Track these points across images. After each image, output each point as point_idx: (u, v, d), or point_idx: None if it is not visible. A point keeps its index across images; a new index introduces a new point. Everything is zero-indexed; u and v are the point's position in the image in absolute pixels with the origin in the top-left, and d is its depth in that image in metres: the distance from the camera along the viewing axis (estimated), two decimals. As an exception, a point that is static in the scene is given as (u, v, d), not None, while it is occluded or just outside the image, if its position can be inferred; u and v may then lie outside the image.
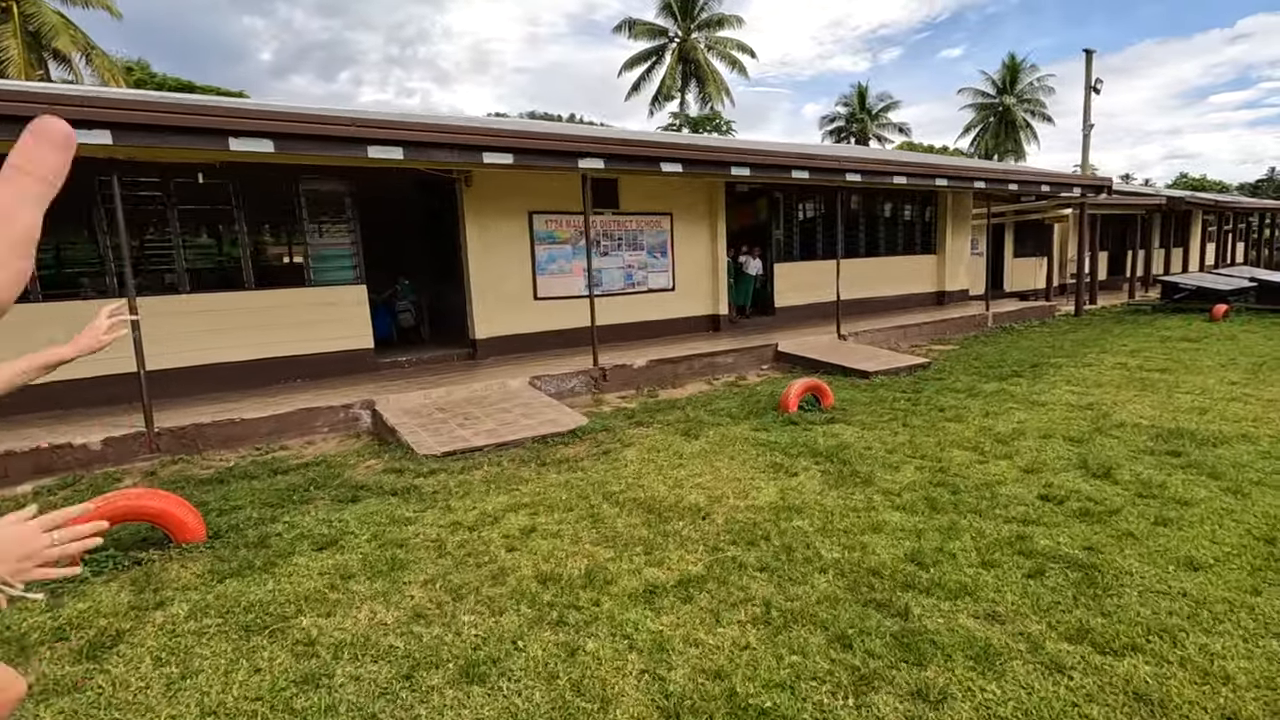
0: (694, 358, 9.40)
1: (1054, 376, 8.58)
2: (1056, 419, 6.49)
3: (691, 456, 5.60)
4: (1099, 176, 14.64)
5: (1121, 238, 20.97)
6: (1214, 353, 9.80)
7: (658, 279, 11.34)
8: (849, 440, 5.90)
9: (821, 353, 9.89)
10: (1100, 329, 12.84)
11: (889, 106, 46.88)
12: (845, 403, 7.40)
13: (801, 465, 5.23)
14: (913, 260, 15.06)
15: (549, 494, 4.78)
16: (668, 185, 11.04)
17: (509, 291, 9.86)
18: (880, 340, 11.57)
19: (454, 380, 8.01)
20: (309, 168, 8.11)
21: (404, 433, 6.23)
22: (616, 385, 8.75)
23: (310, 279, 8.49)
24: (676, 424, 6.71)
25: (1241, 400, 6.98)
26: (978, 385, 8.26)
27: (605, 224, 10.69)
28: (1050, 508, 4.25)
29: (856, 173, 10.01)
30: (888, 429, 6.28)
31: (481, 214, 9.48)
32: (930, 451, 5.53)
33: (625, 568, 3.54)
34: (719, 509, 4.38)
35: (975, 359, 10.12)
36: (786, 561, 3.55)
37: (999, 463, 5.22)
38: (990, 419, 6.57)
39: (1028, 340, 11.77)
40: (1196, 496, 4.36)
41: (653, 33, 36.75)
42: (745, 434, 6.22)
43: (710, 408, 7.36)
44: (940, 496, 4.47)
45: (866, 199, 14.10)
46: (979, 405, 7.15)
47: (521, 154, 7.11)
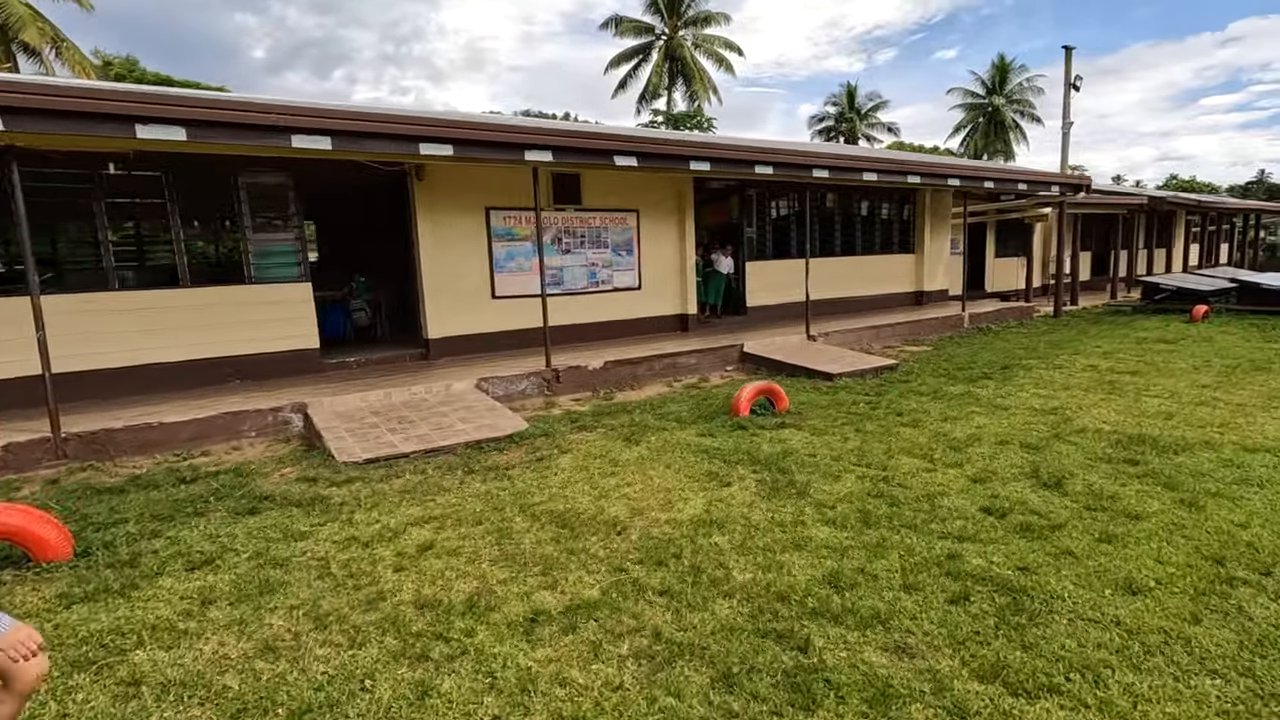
0: (654, 359, 9.09)
1: (1022, 379, 8.31)
2: (1017, 424, 6.22)
3: (627, 464, 5.29)
4: (1078, 175, 14.40)
5: (1105, 238, 20.78)
6: (1189, 355, 9.56)
7: (623, 278, 11.03)
8: (795, 446, 5.61)
9: (787, 354, 9.60)
10: (1077, 330, 12.60)
11: (878, 106, 46.72)
12: (802, 406, 7.11)
13: (738, 474, 4.93)
14: (890, 260, 14.80)
15: (464, 506, 4.46)
16: (633, 181, 10.74)
17: (465, 290, 9.54)
18: (852, 341, 11.29)
19: (398, 382, 7.68)
20: (249, 160, 7.76)
21: (329, 438, 5.91)
22: (571, 387, 8.43)
23: (252, 276, 8.15)
24: (621, 429, 6.41)
25: (1210, 404, 6.72)
26: (943, 388, 7.98)
27: (567, 221, 10.38)
28: (991, 522, 3.96)
29: (824, 168, 9.73)
30: (839, 434, 5.99)
31: (434, 209, 9.16)
32: (877, 459, 5.24)
33: (515, 591, 3.23)
34: (638, 523, 4.07)
35: (946, 360, 9.85)
36: (691, 584, 3.25)
37: (947, 471, 4.93)
38: (948, 424, 6.29)
39: (1002, 341, 11.51)
40: (1148, 510, 4.09)
41: (639, 30, 36.44)
42: (689, 440, 5.92)
43: (660, 411, 7.06)
44: (876, 509, 4.17)
45: (842, 197, 13.83)
46: (940, 409, 6.87)
47: (462, 145, 6.79)
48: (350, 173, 9.09)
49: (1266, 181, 60.96)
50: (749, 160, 8.88)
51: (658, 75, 36.29)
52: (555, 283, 10.35)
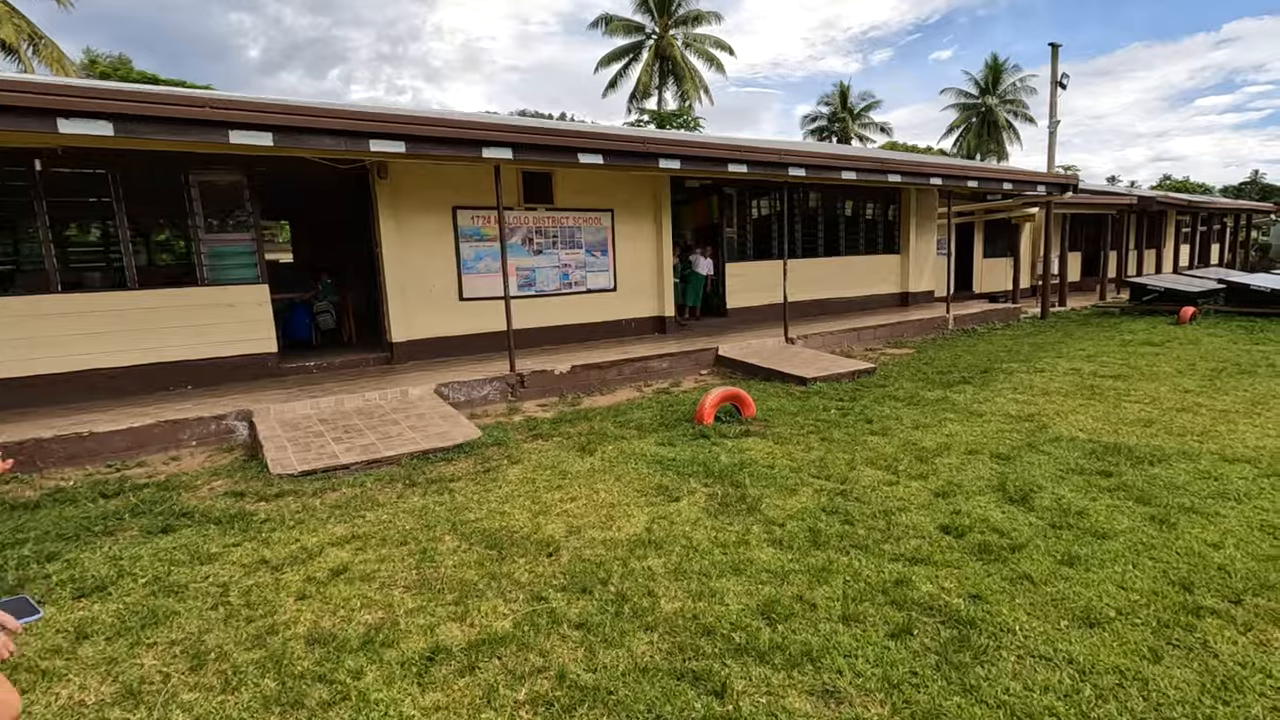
0: (625, 363, 8.83)
1: (1002, 383, 8.07)
2: (990, 432, 5.97)
3: (576, 476, 5.03)
4: (1064, 174, 14.18)
5: (1096, 238, 20.57)
6: (1174, 358, 9.33)
7: (597, 279, 10.77)
8: (755, 457, 5.35)
9: (763, 358, 9.34)
10: (1063, 332, 12.37)
11: (870, 106, 46.56)
12: (771, 413, 6.85)
13: (689, 488, 4.67)
14: (875, 260, 14.56)
15: (393, 523, 4.19)
16: (606, 180, 10.47)
17: (431, 292, 9.26)
18: (832, 344, 11.05)
19: (355, 387, 7.41)
20: (200, 157, 7.48)
21: (268, 448, 5.63)
22: (536, 392, 8.17)
23: (205, 278, 7.86)
24: (578, 437, 6.14)
25: (1191, 411, 6.48)
26: (920, 393, 7.74)
27: (538, 220, 10.11)
28: (948, 542, 3.71)
29: (800, 166, 9.47)
30: (803, 444, 5.73)
31: (399, 208, 8.88)
32: (839, 471, 4.98)
33: (420, 623, 2.96)
34: (572, 543, 3.81)
35: (926, 364, 9.61)
36: (613, 615, 2.99)
37: (910, 484, 4.68)
38: (919, 432, 6.04)
39: (986, 344, 11.28)
40: (1116, 528, 3.83)
41: (629, 29, 36.16)
42: (646, 449, 5.65)
43: (623, 419, 6.79)
44: (828, 527, 3.91)
45: (826, 196, 13.58)
46: (913, 416, 6.62)
47: (415, 141, 6.51)
48: (315, 170, 8.82)
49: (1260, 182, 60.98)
50: (721, 158, 8.62)
51: (648, 74, 36.01)
52: (527, 284, 10.09)
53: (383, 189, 8.72)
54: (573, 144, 7.45)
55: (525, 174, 9.85)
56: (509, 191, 9.75)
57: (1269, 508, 4.07)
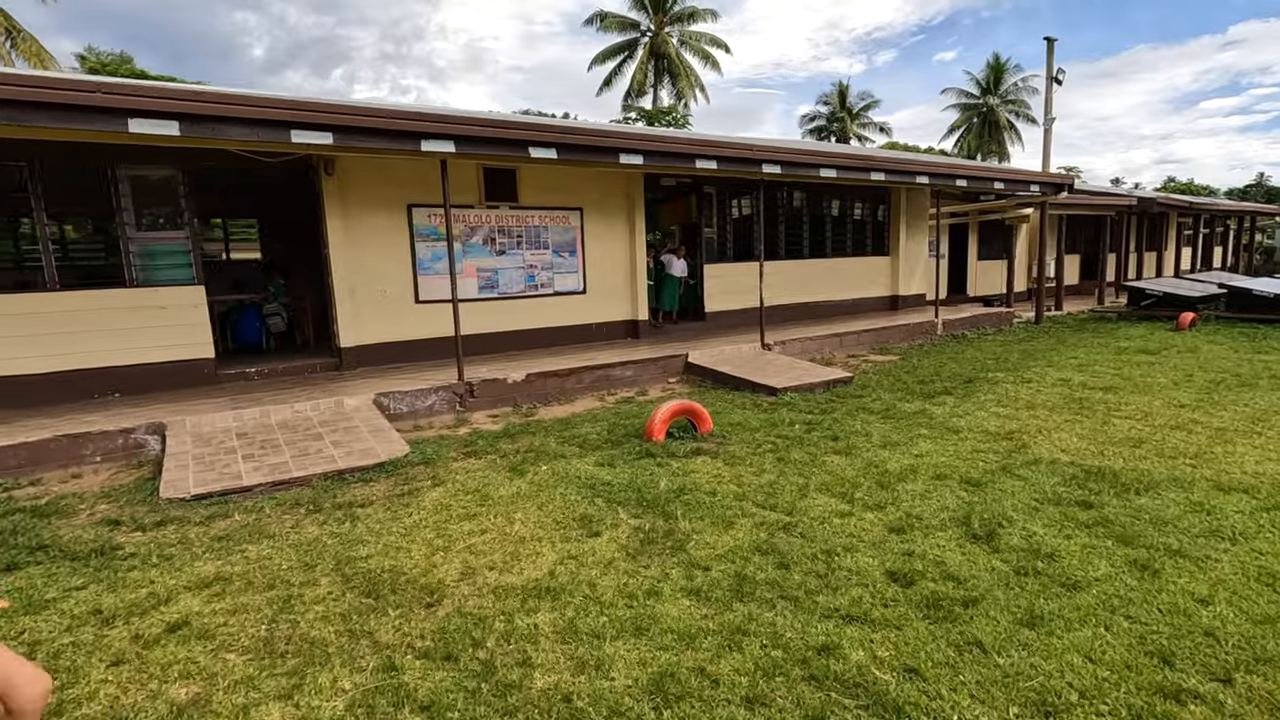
0: (586, 370, 8.33)
1: (985, 395, 7.54)
2: (964, 452, 5.45)
3: (497, 503, 4.52)
4: (1059, 174, 13.64)
5: (1095, 241, 20.02)
6: (1170, 367, 8.79)
7: (566, 281, 10.26)
8: (699, 481, 4.84)
9: (734, 365, 8.83)
10: (1056, 338, 11.83)
11: (870, 105, 46.01)
12: (731, 427, 6.34)
13: (615, 519, 4.16)
14: (863, 262, 14.04)
15: (271, 561, 3.69)
16: (575, 177, 9.97)
17: (385, 294, 8.76)
18: (813, 350, 10.53)
19: (290, 397, 6.91)
20: (129, 150, 7.00)
21: (169, 467, 5.14)
22: (487, 402, 7.67)
23: (134, 279, 7.38)
24: (514, 455, 5.63)
25: (1186, 428, 5.95)
26: (896, 405, 7.22)
27: (501, 219, 9.61)
28: (894, 592, 3.19)
29: (775, 163, 8.95)
30: (756, 464, 5.22)
31: (347, 205, 8.38)
32: (788, 498, 4.47)
33: (237, 703, 2.46)
34: (460, 590, 3.30)
35: (908, 372, 9.09)
36: (471, 693, 2.48)
37: (865, 516, 4.16)
38: (887, 451, 5.52)
39: (975, 351, 10.75)
40: (1091, 575, 3.32)
41: (624, 26, 35.66)
42: (584, 471, 5.14)
43: (570, 433, 6.29)
44: (758, 572, 3.40)
45: (811, 196, 13.06)
46: (884, 432, 6.11)
47: (344, 133, 6.02)
48: (265, 165, 8.35)
49: (1265, 185, 60.28)
50: (688, 154, 8.11)
51: (642, 72, 35.51)
52: (489, 286, 9.59)
53: (329, 185, 8.22)
54: (523, 137, 6.95)
55: (487, 170, 9.35)
56: (469, 189, 9.26)
57: (1267, 550, 3.55)
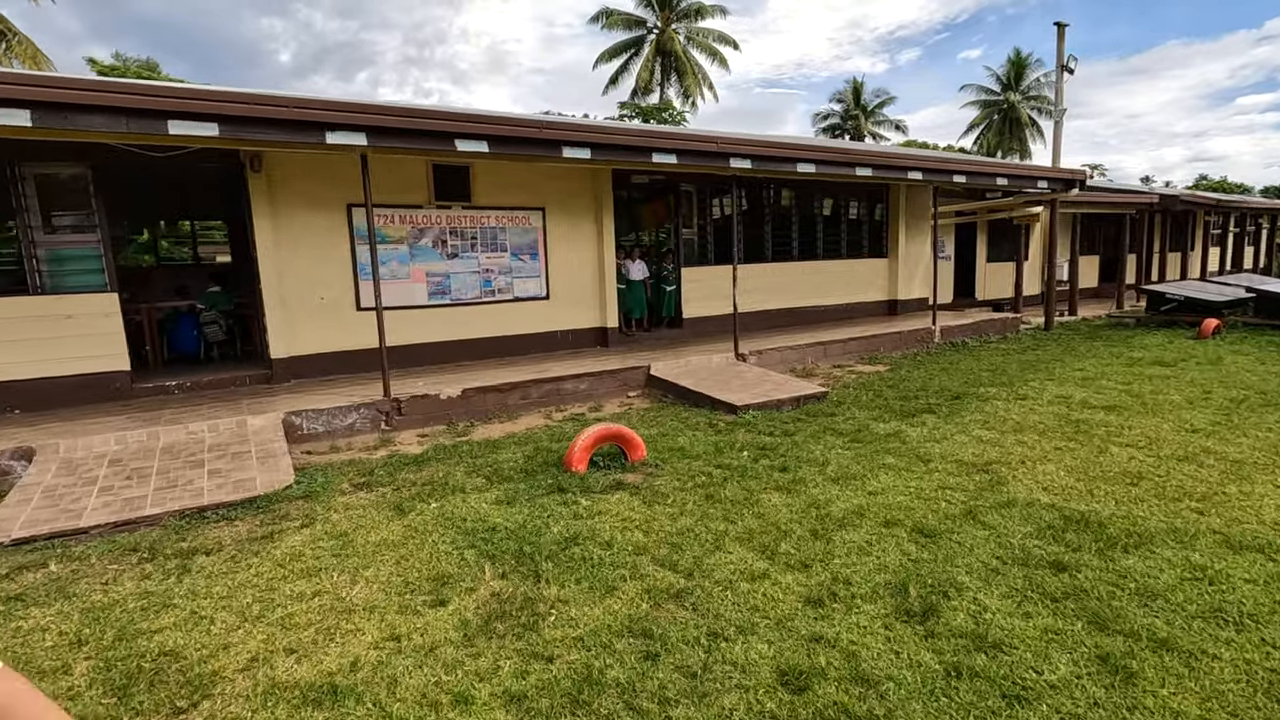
0: (533, 384, 7.63)
1: (971, 414, 6.72)
2: (928, 489, 4.66)
3: (354, 554, 3.84)
4: (1070, 169, 12.67)
5: (1115, 241, 18.91)
6: (1187, 382, 7.87)
7: (527, 286, 9.58)
8: (601, 527, 4.11)
9: (698, 379, 8.08)
10: (1064, 347, 10.90)
11: (885, 102, 44.87)
12: (670, 454, 5.60)
13: (475, 580, 3.44)
14: (859, 265, 13.19)
15: (37, 637, 3.04)
16: (536, 174, 9.29)
17: (322, 301, 8.15)
18: (793, 360, 9.74)
19: (193, 415, 6.30)
20: (34, 146, 6.44)
21: (9, 502, 4.53)
22: (418, 420, 7.00)
23: (40, 285, 6.83)
24: (410, 488, 4.95)
25: (1196, 460, 5.10)
26: (869, 426, 6.43)
27: (453, 220, 8.95)
28: (775, 706, 2.44)
29: (745, 158, 8.19)
30: (679, 503, 4.48)
31: (278, 205, 7.78)
32: (696, 552, 3.73)
33: None
34: (235, 685, 2.62)
35: (892, 386, 8.27)
36: None
37: (782, 579, 3.41)
38: (839, 486, 4.75)
39: (972, 361, 9.87)
40: (1046, 679, 2.54)
41: (629, 23, 34.98)
42: (475, 510, 4.44)
43: (487, 460, 5.59)
44: (613, 667, 2.67)
45: (801, 194, 12.26)
46: (844, 461, 5.33)
47: (232, 124, 5.38)
48: (188, 163, 7.78)
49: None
50: (642, 147, 7.37)
51: (648, 71, 34.79)
52: (440, 292, 8.94)
53: (256, 183, 7.62)
54: (448, 129, 6.27)
55: (436, 167, 8.71)
56: (416, 187, 8.62)
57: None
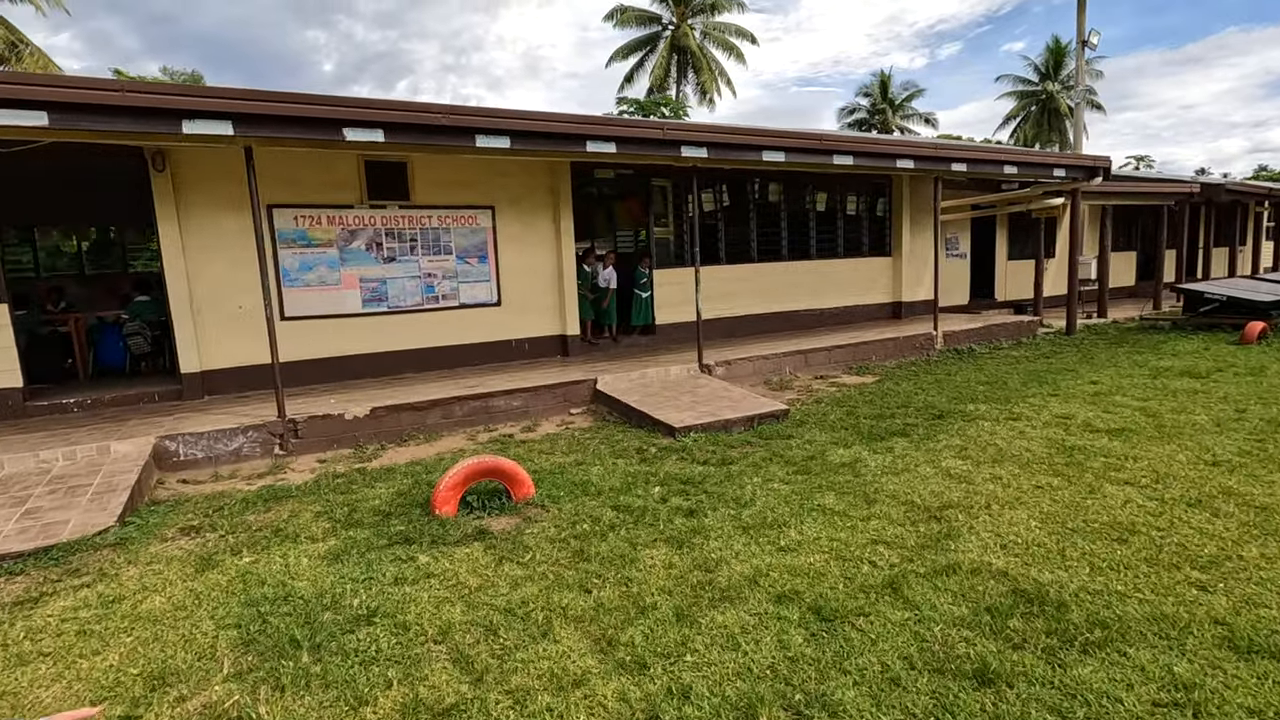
0: (458, 401, 6.86)
1: (948, 438, 5.71)
2: (857, 543, 3.72)
3: (107, 628, 3.09)
4: (1092, 155, 11.39)
5: (1154, 236, 17.38)
6: (1218, 398, 6.70)
7: (475, 291, 8.82)
8: (423, 595, 3.29)
9: (645, 395, 7.21)
10: (1082, 354, 9.69)
11: (913, 95, 43.20)
12: (568, 491, 4.75)
13: (199, 682, 2.65)
14: (859, 264, 12.13)
15: None
16: (484, 169, 8.54)
17: (239, 310, 7.51)
18: (768, 371, 8.78)
19: (64, 439, 5.68)
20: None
21: None
22: (319, 443, 6.28)
23: (-78, 296, 6.32)
24: (242, 533, 4.20)
25: (1211, 506, 4.04)
26: (825, 452, 5.49)
27: (390, 220, 8.24)
28: None
29: (699, 145, 7.28)
30: (533, 565, 3.62)
31: (189, 206, 7.17)
32: (514, 640, 2.87)
33: None
34: None
35: (871, 401, 7.27)
36: None
37: (603, 688, 2.54)
38: (746, 538, 3.85)
39: (971, 371, 8.78)
40: None
41: (643, 20, 34.15)
42: (291, 567, 3.66)
43: (349, 498, 4.82)
44: None
45: (790, 189, 11.27)
46: (773, 501, 4.43)
47: (62, 111, 4.69)
48: (80, 161, 7.24)
49: (1372, 170, 54.18)
50: (573, 134, 6.53)
51: (662, 68, 33.89)
52: (376, 299, 8.24)
53: (160, 184, 7.01)
54: (329, 115, 5.52)
55: (370, 164, 8.02)
56: (347, 185, 7.94)
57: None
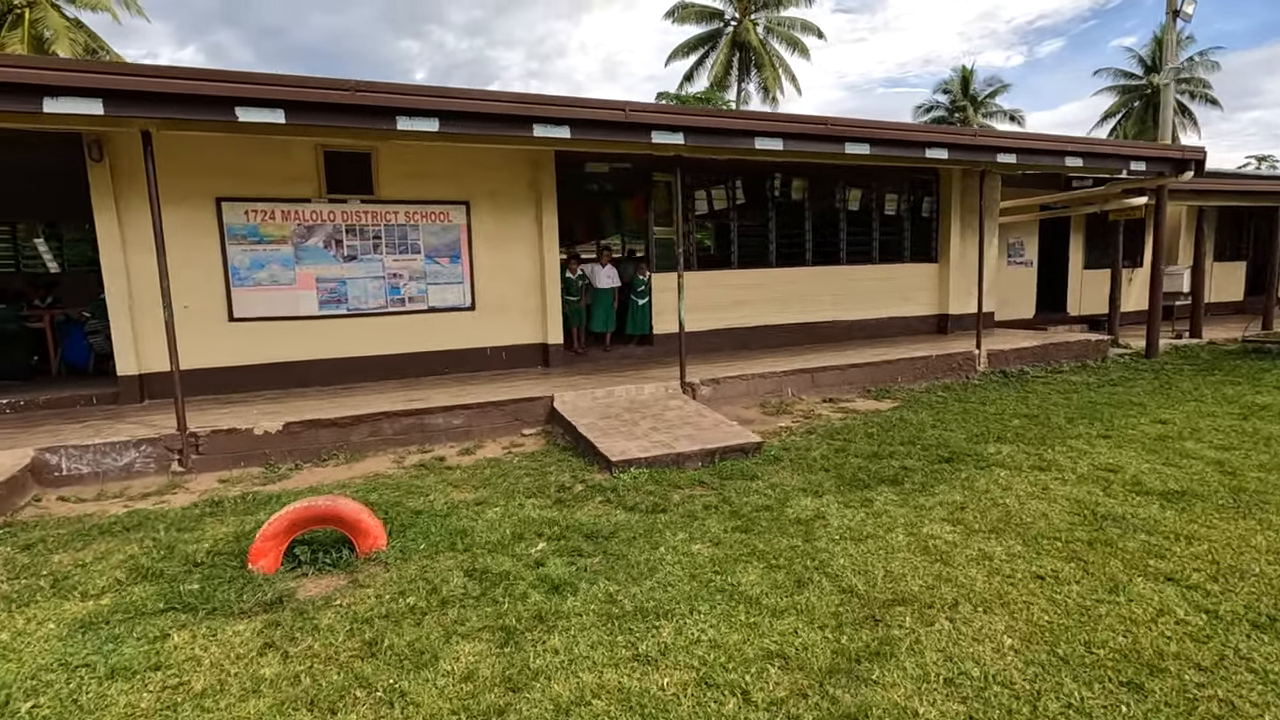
0: (387, 418, 6.11)
1: (946, 492, 4.52)
2: (741, 660, 2.69)
3: None
4: (1181, 146, 9.59)
5: (1271, 243, 15.01)
6: (1328, 451, 5.16)
7: (446, 294, 8.10)
8: (120, 702, 2.48)
9: (602, 416, 6.26)
10: (1158, 384, 8.06)
11: (996, 91, 40.21)
12: (437, 541, 3.88)
13: None
14: (897, 271, 10.75)
15: None
16: (457, 161, 7.82)
17: (185, 309, 7.03)
18: (766, 391, 7.65)
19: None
20: None
21: None
22: (224, 460, 5.65)
23: None
24: (19, 578, 3.53)
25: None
26: (784, 504, 4.42)
27: (351, 216, 7.62)
28: None
29: (675, 130, 6.27)
30: (297, 660, 2.76)
31: (129, 198, 6.75)
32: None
33: None
34: None
35: (874, 435, 6.07)
36: None
37: None
38: (603, 634, 2.88)
39: (1012, 400, 7.37)
40: None
41: (704, 16, 33.09)
42: (23, 635, 2.93)
43: (184, 537, 4.09)
44: None
45: (817, 185, 10.06)
46: (674, 575, 3.44)
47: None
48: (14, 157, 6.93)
49: None
50: (517, 116, 5.65)
51: (722, 65, 32.70)
52: (334, 300, 7.64)
53: (98, 175, 6.60)
54: (225, 93, 4.85)
55: (329, 155, 7.43)
56: (304, 178, 7.38)
57: None
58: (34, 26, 22.44)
